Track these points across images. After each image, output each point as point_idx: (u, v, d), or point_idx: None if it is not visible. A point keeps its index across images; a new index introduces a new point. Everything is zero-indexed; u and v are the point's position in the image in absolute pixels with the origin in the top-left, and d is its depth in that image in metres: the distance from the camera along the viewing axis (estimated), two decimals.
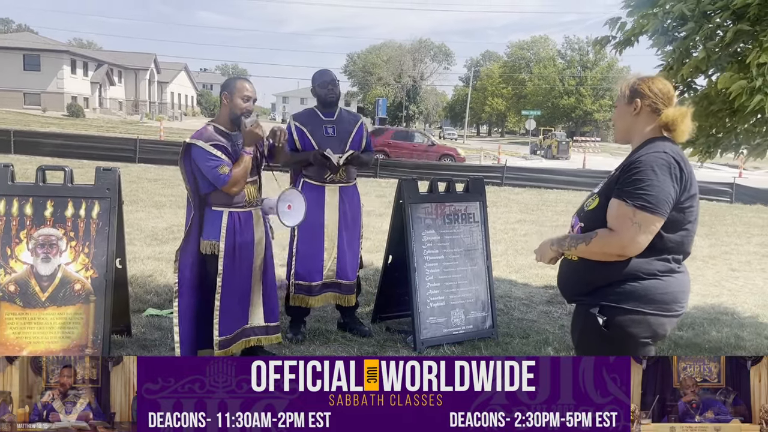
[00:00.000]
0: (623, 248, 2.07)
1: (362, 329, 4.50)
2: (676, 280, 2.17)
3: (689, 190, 2.10)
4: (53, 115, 38.43)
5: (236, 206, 3.48)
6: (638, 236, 2.04)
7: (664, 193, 2.03)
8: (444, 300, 4.43)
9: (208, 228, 3.47)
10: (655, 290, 2.12)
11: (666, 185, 2.03)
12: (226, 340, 3.54)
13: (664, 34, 3.85)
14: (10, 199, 3.61)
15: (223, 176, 3.31)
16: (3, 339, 3.53)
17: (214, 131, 3.44)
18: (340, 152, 4.18)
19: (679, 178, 2.06)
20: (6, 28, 77.13)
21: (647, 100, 2.18)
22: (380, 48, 71.54)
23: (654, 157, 2.07)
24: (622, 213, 2.06)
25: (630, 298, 2.12)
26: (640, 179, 2.04)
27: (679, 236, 2.12)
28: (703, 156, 4.15)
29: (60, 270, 3.62)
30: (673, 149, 2.12)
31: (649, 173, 2.04)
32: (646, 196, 2.02)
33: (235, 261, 3.50)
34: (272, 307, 3.79)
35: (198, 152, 3.34)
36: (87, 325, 3.62)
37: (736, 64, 3.44)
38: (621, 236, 2.06)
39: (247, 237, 3.53)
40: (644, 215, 2.03)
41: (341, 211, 4.27)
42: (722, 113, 3.83)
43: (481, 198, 4.68)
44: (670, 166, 2.05)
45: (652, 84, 2.19)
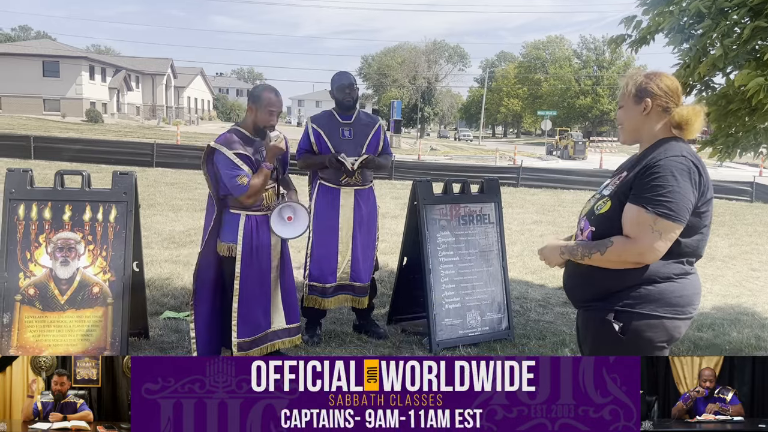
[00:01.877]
0: (642, 256, 2.02)
1: (378, 331, 4.50)
2: (691, 282, 2.12)
3: (706, 194, 2.05)
4: (72, 121, 38.94)
5: (254, 210, 3.52)
6: (658, 244, 1.99)
7: (685, 200, 1.97)
8: (459, 302, 4.41)
9: (226, 230, 3.51)
10: (671, 293, 2.07)
11: (686, 191, 1.97)
12: (246, 343, 3.57)
13: (680, 31, 3.81)
14: (30, 204, 3.66)
15: (241, 186, 3.36)
16: (23, 342, 3.58)
17: (238, 137, 3.47)
18: (356, 155, 4.19)
19: (698, 183, 2.01)
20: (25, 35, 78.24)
21: (657, 99, 2.11)
22: (395, 50, 71.56)
23: (674, 162, 1.99)
24: (642, 221, 1.99)
25: (646, 302, 2.07)
26: (660, 185, 1.98)
27: (694, 240, 2.08)
28: (722, 156, 4.10)
29: (78, 273, 3.67)
30: (691, 152, 2.05)
31: (669, 179, 1.97)
32: (667, 203, 1.96)
33: (253, 263, 3.53)
34: (293, 308, 3.82)
35: (220, 158, 3.39)
36: (105, 327, 3.66)
37: (754, 62, 3.40)
38: (640, 244, 2.00)
39: (264, 240, 3.56)
40: (665, 223, 1.97)
41: (356, 214, 4.28)
42: (741, 112, 3.78)
43: (496, 199, 4.65)
44: (690, 171, 1.99)
45: (660, 82, 2.11)
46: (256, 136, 3.52)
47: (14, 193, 3.65)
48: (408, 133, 64.45)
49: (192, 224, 8.62)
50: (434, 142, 49.26)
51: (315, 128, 4.25)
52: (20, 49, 47.13)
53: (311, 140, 4.23)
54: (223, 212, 3.52)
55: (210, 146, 3.43)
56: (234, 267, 3.49)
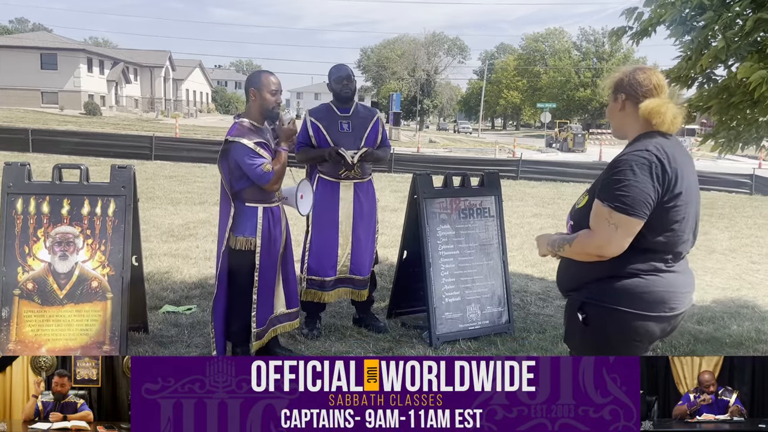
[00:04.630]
0: (600, 249, 2.02)
1: (378, 325, 4.49)
2: (663, 280, 2.06)
3: (673, 189, 2.00)
4: (71, 114, 38.83)
5: (270, 202, 3.54)
6: (615, 237, 1.98)
7: (642, 194, 1.95)
8: (459, 295, 4.40)
9: (242, 224, 3.50)
10: (635, 289, 2.05)
11: (644, 186, 1.96)
12: (262, 331, 3.63)
13: (682, 23, 3.79)
14: (28, 198, 3.64)
15: (267, 174, 3.37)
16: (22, 336, 3.57)
17: (249, 127, 3.47)
18: (355, 148, 4.17)
19: (660, 177, 1.97)
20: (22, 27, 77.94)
21: (626, 93, 2.10)
22: (394, 42, 71.33)
23: (635, 156, 1.99)
24: (599, 213, 2.02)
25: (610, 296, 2.07)
26: (618, 179, 1.98)
27: (665, 237, 2.03)
28: (724, 149, 4.08)
29: (77, 268, 3.65)
30: (659, 146, 2.02)
31: (627, 173, 1.97)
32: (622, 197, 1.96)
33: (270, 255, 3.57)
34: (293, 294, 3.87)
35: (239, 150, 3.37)
36: (104, 322, 3.64)
37: (756, 54, 3.38)
38: (598, 237, 2.02)
39: (277, 231, 3.61)
40: (620, 216, 1.97)
41: (356, 207, 4.26)
42: (743, 105, 3.77)
43: (496, 192, 4.64)
44: (651, 165, 1.97)
45: (632, 76, 2.09)
46: (262, 123, 3.53)
47: (12, 187, 3.63)
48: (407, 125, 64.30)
49: (191, 217, 8.60)
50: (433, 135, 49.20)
51: (313, 121, 4.23)
52: (17, 42, 46.93)
53: (310, 134, 4.21)
54: (237, 206, 3.50)
55: (228, 140, 3.42)
56: (248, 260, 3.51)
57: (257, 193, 3.47)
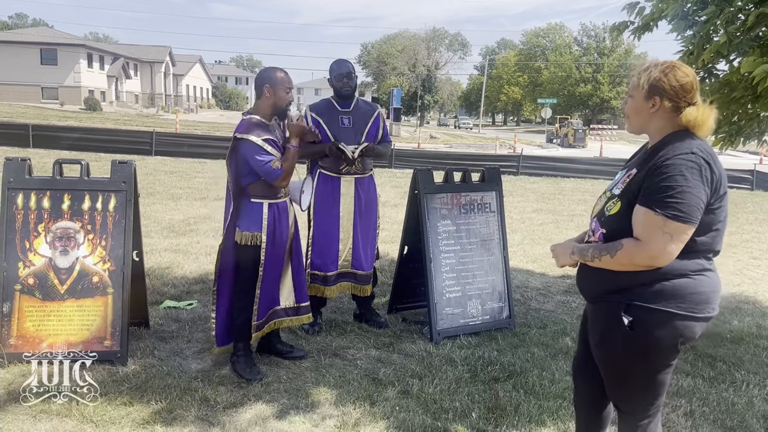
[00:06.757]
0: (653, 259, 1.94)
1: (378, 320, 4.49)
2: (709, 280, 2.03)
3: (719, 190, 1.95)
4: (71, 109, 38.83)
5: (276, 198, 3.53)
6: (669, 247, 1.90)
7: (696, 200, 1.88)
8: (460, 291, 4.40)
9: (248, 219, 3.49)
10: (685, 289, 1.98)
11: (697, 191, 1.88)
12: (262, 323, 3.65)
13: (684, 18, 3.78)
14: (28, 193, 3.63)
15: (276, 171, 3.37)
16: (23, 332, 3.57)
17: (257, 124, 3.46)
18: (356, 143, 4.16)
19: (710, 180, 1.91)
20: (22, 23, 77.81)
21: (668, 98, 2.01)
22: (394, 38, 71.23)
23: (683, 160, 1.89)
24: (651, 223, 1.91)
25: (659, 298, 1.99)
26: (669, 186, 1.89)
27: (709, 237, 1.99)
28: (726, 144, 4.08)
29: (78, 263, 3.65)
30: (701, 147, 1.94)
31: (679, 179, 1.88)
32: (677, 205, 1.87)
33: (275, 250, 3.57)
34: (302, 287, 3.86)
35: (248, 147, 3.37)
36: (105, 317, 3.64)
37: (759, 49, 3.37)
38: (650, 247, 1.92)
39: (284, 226, 3.60)
40: (676, 225, 1.88)
41: (357, 202, 4.26)
42: (744, 99, 3.76)
43: (497, 187, 4.63)
44: (701, 168, 1.89)
45: (673, 78, 2.00)
46: (271, 119, 3.54)
47: (13, 182, 3.63)
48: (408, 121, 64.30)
49: (191, 213, 8.61)
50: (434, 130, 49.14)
51: (314, 117, 4.22)
52: (17, 37, 46.90)
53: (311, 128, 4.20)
54: (243, 202, 3.50)
55: (236, 137, 3.41)
56: (252, 255, 3.51)
57: (263, 188, 3.47)
